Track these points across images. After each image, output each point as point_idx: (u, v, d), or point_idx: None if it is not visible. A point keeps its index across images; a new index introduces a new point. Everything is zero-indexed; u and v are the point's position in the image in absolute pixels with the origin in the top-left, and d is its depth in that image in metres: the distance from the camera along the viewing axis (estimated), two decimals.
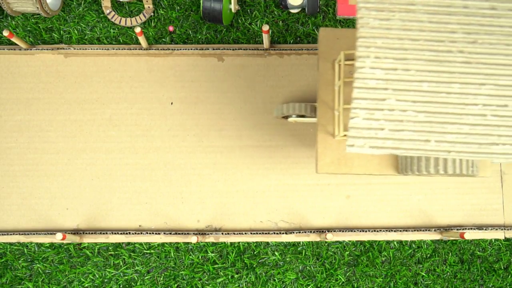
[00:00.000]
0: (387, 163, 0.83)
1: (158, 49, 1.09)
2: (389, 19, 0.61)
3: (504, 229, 1.06)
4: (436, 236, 1.05)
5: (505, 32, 0.61)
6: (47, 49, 1.09)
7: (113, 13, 1.10)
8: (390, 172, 0.83)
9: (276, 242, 1.06)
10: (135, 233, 1.04)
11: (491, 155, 0.62)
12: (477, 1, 0.62)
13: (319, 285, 1.06)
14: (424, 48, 0.61)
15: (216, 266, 1.06)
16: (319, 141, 0.81)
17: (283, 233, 1.05)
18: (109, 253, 1.06)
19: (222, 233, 1.05)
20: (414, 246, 1.07)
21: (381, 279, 1.06)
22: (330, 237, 0.99)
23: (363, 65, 0.60)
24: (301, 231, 1.05)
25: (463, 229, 1.05)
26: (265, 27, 0.98)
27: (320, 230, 1.05)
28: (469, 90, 0.61)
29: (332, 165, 0.82)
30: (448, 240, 1.07)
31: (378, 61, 0.60)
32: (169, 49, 1.09)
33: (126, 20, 1.10)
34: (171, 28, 1.11)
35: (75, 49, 1.09)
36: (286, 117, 1.02)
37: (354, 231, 1.05)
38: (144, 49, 1.09)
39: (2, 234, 1.05)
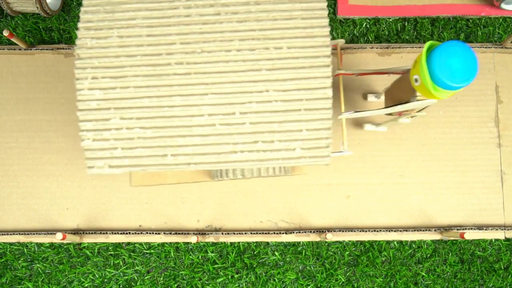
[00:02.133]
0: (200, 171, 0.83)
1: None
2: (108, 37, 0.60)
3: (504, 229, 1.06)
4: (436, 236, 1.05)
5: (226, 38, 0.60)
6: (47, 49, 1.09)
7: None
8: (204, 178, 0.83)
9: (276, 242, 1.06)
10: (135, 233, 1.04)
11: (233, 164, 0.60)
12: (200, 8, 0.61)
13: (319, 285, 1.06)
14: (142, 63, 0.60)
15: (216, 266, 1.06)
16: None
17: (283, 233, 1.05)
18: (109, 253, 1.06)
19: (222, 233, 1.05)
20: (414, 246, 1.07)
21: (381, 279, 1.06)
22: (330, 237, 0.99)
23: (82, 87, 0.59)
24: (301, 231, 1.05)
25: (463, 229, 1.05)
26: None
27: (320, 230, 1.05)
28: (192, 101, 0.59)
29: (146, 178, 0.82)
30: (448, 240, 1.07)
31: (96, 81, 0.59)
32: None
33: None
34: None
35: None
36: None
37: (354, 231, 1.05)
38: None
39: (2, 234, 1.05)
